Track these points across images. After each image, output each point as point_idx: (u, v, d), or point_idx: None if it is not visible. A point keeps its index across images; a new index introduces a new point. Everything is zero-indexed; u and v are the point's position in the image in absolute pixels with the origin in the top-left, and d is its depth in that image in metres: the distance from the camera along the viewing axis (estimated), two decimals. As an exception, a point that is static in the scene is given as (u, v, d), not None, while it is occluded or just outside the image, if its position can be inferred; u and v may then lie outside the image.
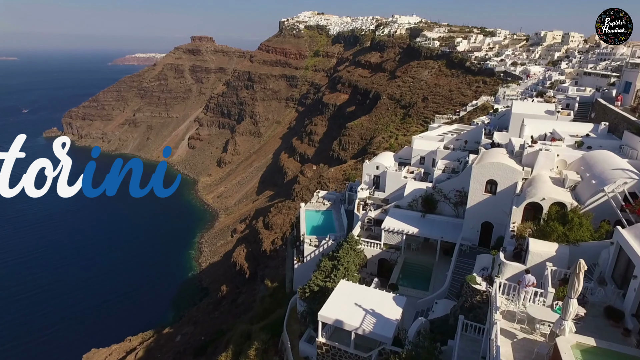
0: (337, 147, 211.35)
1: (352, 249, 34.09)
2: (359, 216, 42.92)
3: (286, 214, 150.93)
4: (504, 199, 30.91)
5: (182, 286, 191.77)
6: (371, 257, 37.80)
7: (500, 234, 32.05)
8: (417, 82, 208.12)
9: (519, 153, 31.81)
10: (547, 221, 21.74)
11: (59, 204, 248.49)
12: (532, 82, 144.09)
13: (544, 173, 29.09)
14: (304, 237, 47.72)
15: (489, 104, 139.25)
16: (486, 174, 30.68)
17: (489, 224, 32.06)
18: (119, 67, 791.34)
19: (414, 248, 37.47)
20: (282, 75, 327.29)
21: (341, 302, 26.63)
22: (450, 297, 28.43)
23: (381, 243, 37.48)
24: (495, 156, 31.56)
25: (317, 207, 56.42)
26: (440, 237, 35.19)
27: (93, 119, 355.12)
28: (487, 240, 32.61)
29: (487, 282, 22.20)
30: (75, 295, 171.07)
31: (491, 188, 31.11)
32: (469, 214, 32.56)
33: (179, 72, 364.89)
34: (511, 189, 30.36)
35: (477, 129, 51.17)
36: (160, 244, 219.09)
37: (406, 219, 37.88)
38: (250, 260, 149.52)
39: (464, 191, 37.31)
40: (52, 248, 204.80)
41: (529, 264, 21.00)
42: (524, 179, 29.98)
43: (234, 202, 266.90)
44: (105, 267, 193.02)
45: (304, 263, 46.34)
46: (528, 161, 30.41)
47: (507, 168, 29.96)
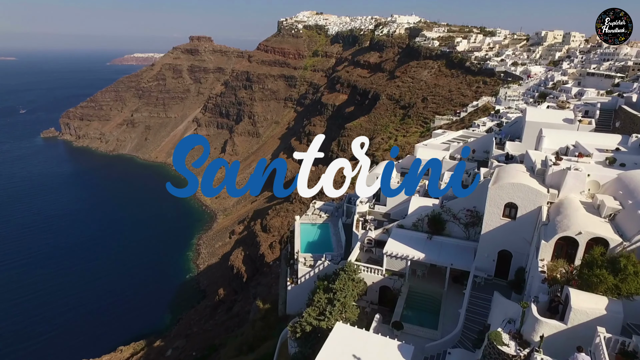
0: (336, 148, 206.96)
1: (350, 279, 29.68)
2: (357, 235, 38.42)
3: (284, 216, 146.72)
4: (525, 225, 26.47)
5: (180, 288, 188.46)
6: (372, 284, 33.37)
7: (521, 264, 27.59)
8: (416, 83, 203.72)
9: (540, 171, 27.36)
10: (591, 268, 17.29)
11: (55, 207, 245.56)
12: (533, 82, 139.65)
13: (573, 197, 24.63)
14: (298, 255, 43.28)
15: (490, 105, 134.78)
16: (505, 197, 26.25)
17: (507, 253, 27.63)
18: (117, 67, 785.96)
19: (419, 274, 33.06)
20: (281, 75, 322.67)
21: (337, 352, 22.24)
22: (465, 342, 24.05)
23: (383, 269, 33.04)
24: (515, 175, 27.10)
25: (313, 220, 51.93)
26: (450, 264, 30.80)
27: (91, 119, 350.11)
28: (504, 270, 28.18)
29: (516, 341, 17.74)
30: (71, 299, 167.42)
31: (510, 212, 26.67)
32: (484, 241, 28.10)
33: (177, 72, 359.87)
34: (534, 214, 25.90)
35: (487, 138, 46.66)
36: (158, 245, 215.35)
37: (410, 241, 33.42)
38: (247, 264, 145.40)
39: (476, 211, 32.86)
40: (46, 251, 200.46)
41: (570, 323, 16.57)
42: (549, 202, 25.54)
43: (232, 203, 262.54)
44: (102, 269, 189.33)
45: (297, 285, 41.91)
46: (553, 181, 25.98)
47: (530, 190, 25.52)
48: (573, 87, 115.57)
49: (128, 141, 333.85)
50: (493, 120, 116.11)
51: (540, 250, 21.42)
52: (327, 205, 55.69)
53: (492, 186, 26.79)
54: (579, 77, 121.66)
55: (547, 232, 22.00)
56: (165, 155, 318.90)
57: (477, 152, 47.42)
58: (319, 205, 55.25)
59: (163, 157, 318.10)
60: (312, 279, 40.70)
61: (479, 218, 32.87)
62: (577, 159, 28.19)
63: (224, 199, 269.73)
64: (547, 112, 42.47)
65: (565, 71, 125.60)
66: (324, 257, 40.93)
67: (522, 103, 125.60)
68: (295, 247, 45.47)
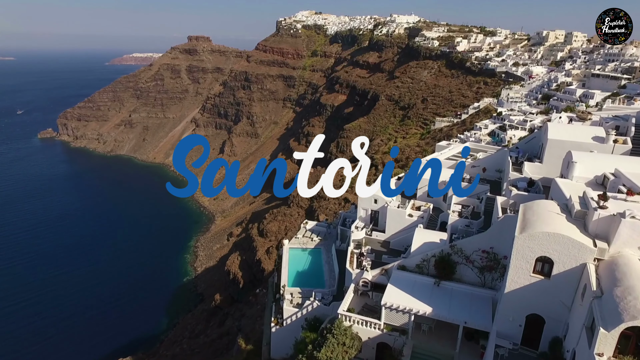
0: (334, 149, 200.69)
1: (340, 344, 23.60)
2: (352, 275, 32.24)
3: (281, 221, 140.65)
4: (562, 286, 20.32)
5: (177, 291, 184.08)
6: (367, 340, 27.29)
7: (556, 333, 21.39)
8: (416, 83, 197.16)
9: (580, 214, 21.17)
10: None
11: (51, 209, 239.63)
12: (536, 83, 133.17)
13: (631, 256, 18.48)
14: (284, 290, 37.21)
15: (492, 107, 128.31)
16: (537, 249, 20.13)
17: (538, 318, 21.52)
18: (116, 67, 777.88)
19: (425, 329, 26.97)
20: (280, 76, 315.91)
21: None
22: None
23: (381, 323, 26.95)
24: (548, 219, 20.93)
25: (304, 244, 45.84)
26: (464, 321, 24.72)
27: (89, 119, 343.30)
28: (534, 338, 22.03)
29: None
30: (67, 302, 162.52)
31: (543, 268, 20.53)
32: (509, 301, 21.92)
33: (176, 72, 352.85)
34: (575, 273, 19.76)
35: (499, 155, 40.38)
36: (156, 248, 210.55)
37: (414, 288, 27.30)
38: (244, 269, 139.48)
39: (494, 253, 26.72)
40: (42, 254, 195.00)
41: None
42: (597, 259, 19.40)
43: (231, 205, 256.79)
44: (99, 272, 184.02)
45: (282, 327, 35.84)
46: (599, 230, 19.85)
47: (571, 243, 19.38)
48: (577, 89, 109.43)
49: (126, 142, 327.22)
50: (495, 123, 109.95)
51: (598, 341, 15.24)
52: (319, 225, 49.64)
53: (519, 235, 20.56)
54: (583, 79, 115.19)
55: (606, 314, 15.78)
56: (163, 156, 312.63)
57: (489, 170, 41.15)
58: (311, 226, 49.17)
59: (161, 158, 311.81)
60: (299, 321, 34.68)
61: (497, 261, 26.75)
62: (624, 196, 21.89)
63: (222, 200, 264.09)
64: (573, 128, 36.11)
65: (569, 72, 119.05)
66: (314, 295, 34.86)
67: (524, 105, 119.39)
68: (282, 279, 39.40)
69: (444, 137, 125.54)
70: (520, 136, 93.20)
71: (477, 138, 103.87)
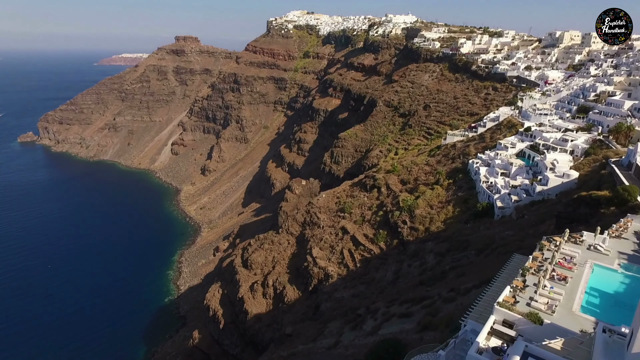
0: (328, 160, 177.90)
1: None
2: None
3: (268, 249, 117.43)
4: None
5: (158, 314, 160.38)
6: None
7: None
8: (416, 88, 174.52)
9: None
10: None
11: (25, 220, 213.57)
12: (567, 92, 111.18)
13: None
14: None
15: (516, 120, 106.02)
16: None
17: None
18: (104, 67, 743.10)
19: None
20: (270, 77, 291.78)
21: None
22: None
23: None
24: None
25: None
26: None
27: (71, 123, 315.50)
28: None
29: None
30: (32, 327, 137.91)
31: None
32: None
33: (162, 74, 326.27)
34: None
35: None
36: (137, 263, 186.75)
37: None
38: (225, 306, 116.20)
39: None
40: (12, 270, 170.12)
41: None
42: None
43: (218, 215, 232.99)
44: (73, 290, 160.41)
45: None
46: None
47: None
48: (625, 100, 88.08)
49: (110, 146, 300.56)
50: (523, 141, 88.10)
51: None
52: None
53: None
54: (629, 87, 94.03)
55: None
56: (148, 161, 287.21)
57: None
58: None
59: (146, 164, 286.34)
60: None
61: None
62: None
63: (209, 210, 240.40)
64: None
65: (610, 79, 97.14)
66: None
67: (556, 118, 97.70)
68: None
69: (458, 155, 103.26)
70: (561, 160, 71.33)
71: (504, 160, 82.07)
